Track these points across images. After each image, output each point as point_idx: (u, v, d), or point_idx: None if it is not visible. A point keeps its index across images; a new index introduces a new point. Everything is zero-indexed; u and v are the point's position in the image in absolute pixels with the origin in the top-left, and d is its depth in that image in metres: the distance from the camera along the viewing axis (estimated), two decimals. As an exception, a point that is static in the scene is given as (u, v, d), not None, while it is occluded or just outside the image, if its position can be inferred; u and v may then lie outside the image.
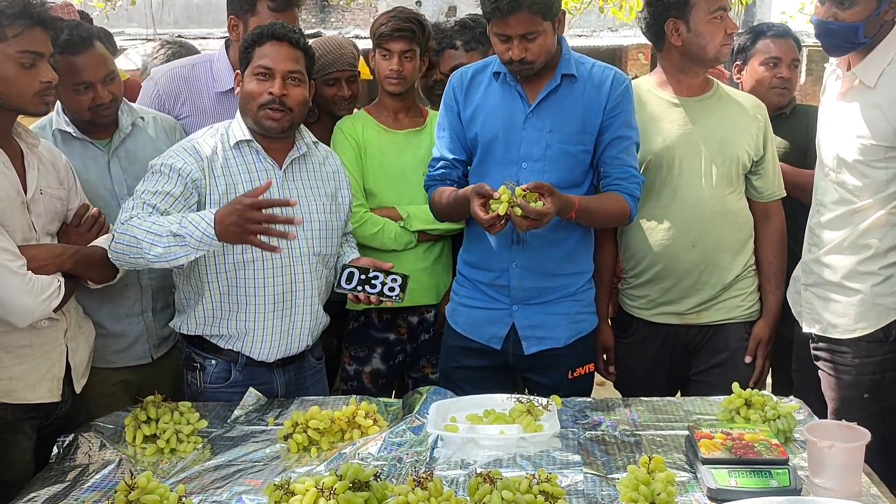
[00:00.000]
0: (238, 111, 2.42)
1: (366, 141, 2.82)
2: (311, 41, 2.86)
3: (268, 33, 2.32)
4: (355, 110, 3.03)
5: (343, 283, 2.42)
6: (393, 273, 2.42)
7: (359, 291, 2.40)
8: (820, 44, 2.48)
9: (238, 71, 2.39)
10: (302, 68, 2.36)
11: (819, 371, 2.53)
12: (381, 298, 2.41)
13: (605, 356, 2.82)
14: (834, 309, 2.48)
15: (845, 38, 2.39)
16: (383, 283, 2.40)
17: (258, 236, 2.08)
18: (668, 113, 2.65)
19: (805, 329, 2.57)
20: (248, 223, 2.05)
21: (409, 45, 2.79)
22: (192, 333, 2.41)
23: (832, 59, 2.56)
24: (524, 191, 2.15)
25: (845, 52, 2.45)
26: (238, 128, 2.38)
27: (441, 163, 2.55)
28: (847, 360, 2.45)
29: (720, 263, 2.64)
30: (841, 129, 2.45)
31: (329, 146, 2.76)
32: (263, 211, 2.08)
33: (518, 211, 2.14)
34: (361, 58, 3.05)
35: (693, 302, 2.67)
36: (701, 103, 2.66)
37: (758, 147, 2.65)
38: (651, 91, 2.69)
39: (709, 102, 2.66)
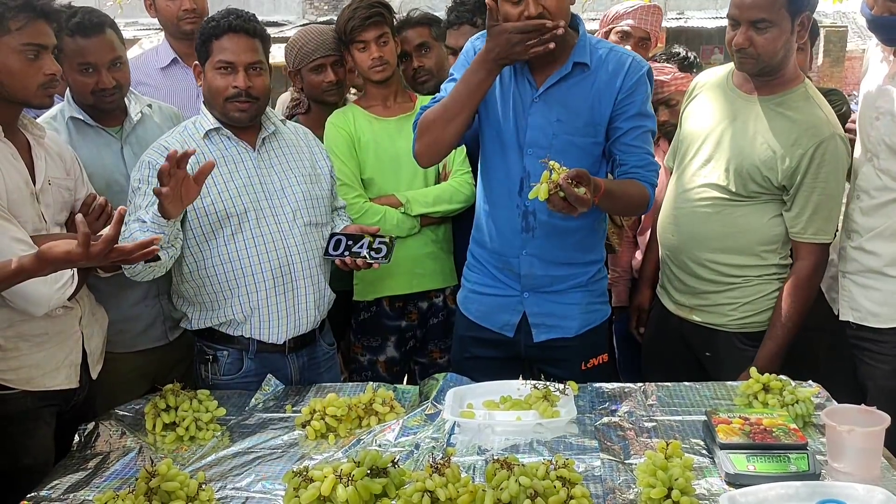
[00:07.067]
0: (202, 104, 2.46)
1: (358, 131, 2.83)
2: (292, 32, 2.88)
3: (224, 26, 2.32)
4: (348, 98, 3.05)
5: (331, 251, 2.47)
6: (379, 236, 2.46)
7: (346, 256, 2.44)
8: (875, 36, 2.42)
9: (196, 63, 2.40)
10: (262, 57, 2.39)
11: (856, 359, 2.50)
12: (369, 262, 2.43)
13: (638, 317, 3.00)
14: (874, 297, 2.44)
15: None
16: (370, 247, 2.44)
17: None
18: (726, 102, 2.54)
19: (842, 317, 2.52)
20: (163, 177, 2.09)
21: (381, 30, 2.80)
22: (202, 327, 2.44)
23: (874, 39, 2.46)
24: (568, 180, 2.03)
25: None
26: (205, 119, 2.42)
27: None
28: (887, 350, 2.42)
29: (701, 260, 2.56)
30: (888, 114, 2.37)
31: (321, 138, 2.79)
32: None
33: (561, 193, 2.05)
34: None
35: (683, 293, 2.64)
36: (751, 103, 2.48)
37: (780, 173, 2.41)
38: (729, 75, 2.59)
39: (760, 105, 2.47)
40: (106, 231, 1.77)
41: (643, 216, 3.07)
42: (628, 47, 3.13)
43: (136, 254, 1.85)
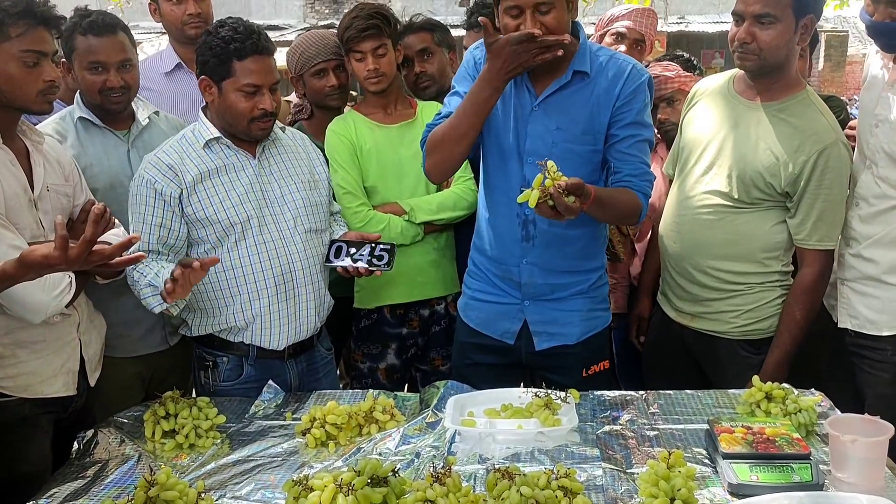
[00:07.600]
0: (200, 112, 2.45)
1: (360, 139, 2.81)
2: (293, 36, 2.88)
3: (251, 48, 2.29)
4: (347, 108, 3.04)
5: (332, 258, 2.48)
6: (380, 243, 2.46)
7: (347, 264, 2.44)
8: (874, 42, 2.40)
9: (204, 77, 2.35)
10: (278, 74, 2.40)
11: (855, 367, 2.48)
12: (371, 269, 2.44)
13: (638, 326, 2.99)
14: (873, 305, 2.43)
15: None
16: (371, 254, 2.44)
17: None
18: (727, 108, 2.53)
19: (840, 324, 2.51)
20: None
21: (378, 42, 2.77)
22: (202, 333, 2.44)
23: (875, 46, 2.45)
24: (560, 189, 2.00)
25: None
26: (205, 128, 2.40)
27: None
28: (885, 357, 2.40)
29: (703, 267, 2.55)
30: (886, 122, 2.36)
31: (322, 145, 2.78)
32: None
33: (550, 201, 2.02)
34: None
35: (685, 301, 2.63)
36: (753, 110, 2.47)
37: (783, 179, 2.39)
38: (731, 82, 2.58)
39: (763, 112, 2.45)
40: (84, 235, 1.72)
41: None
42: (623, 48, 3.13)
43: (118, 258, 1.80)
